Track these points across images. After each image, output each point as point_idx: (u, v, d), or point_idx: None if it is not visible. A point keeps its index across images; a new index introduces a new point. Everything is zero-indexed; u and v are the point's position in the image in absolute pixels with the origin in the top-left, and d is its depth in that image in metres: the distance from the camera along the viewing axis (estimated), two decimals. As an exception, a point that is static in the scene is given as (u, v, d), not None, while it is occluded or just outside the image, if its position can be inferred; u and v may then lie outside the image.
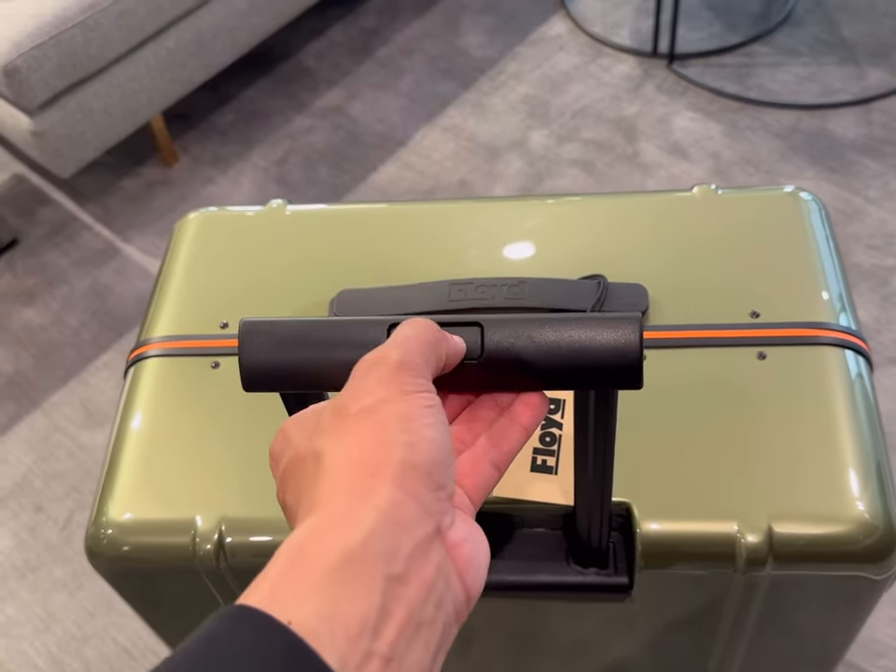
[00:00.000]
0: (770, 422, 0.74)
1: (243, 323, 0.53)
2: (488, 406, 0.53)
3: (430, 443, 0.43)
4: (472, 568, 0.43)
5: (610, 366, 0.51)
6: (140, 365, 0.84)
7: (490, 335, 0.51)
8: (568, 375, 0.52)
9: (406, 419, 0.43)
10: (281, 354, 0.52)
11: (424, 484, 0.42)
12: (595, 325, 0.51)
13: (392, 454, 0.42)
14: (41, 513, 1.81)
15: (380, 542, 0.39)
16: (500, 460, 0.51)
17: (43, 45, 1.89)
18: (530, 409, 0.53)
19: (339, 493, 0.41)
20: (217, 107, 2.50)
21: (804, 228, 0.87)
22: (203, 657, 0.35)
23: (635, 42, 2.47)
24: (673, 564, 0.70)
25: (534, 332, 0.51)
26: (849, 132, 2.19)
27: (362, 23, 2.66)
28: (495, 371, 0.52)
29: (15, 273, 2.22)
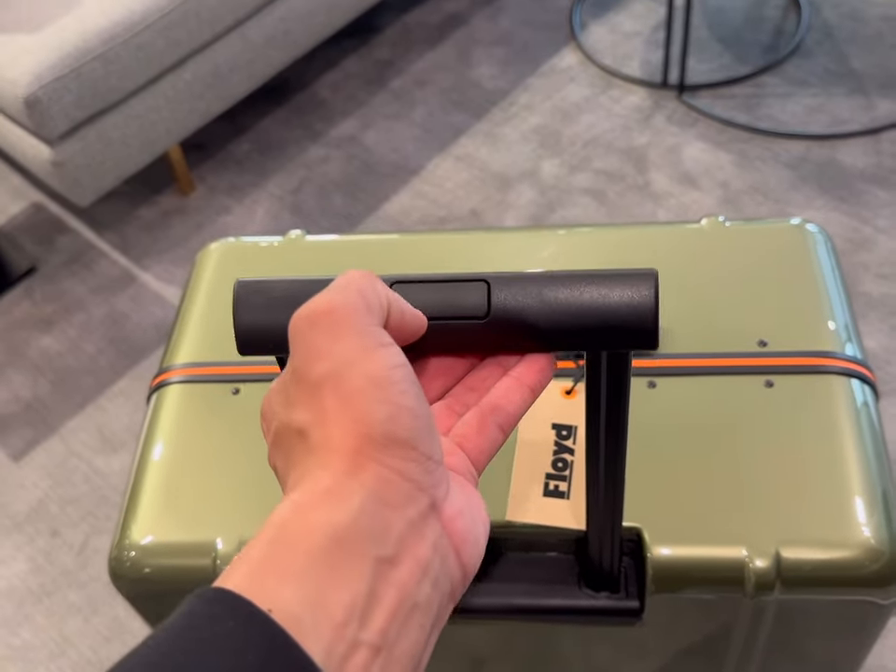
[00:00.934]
0: (778, 449, 0.75)
1: (238, 283, 0.49)
2: (492, 368, 0.50)
3: (410, 413, 0.39)
4: (469, 543, 0.40)
5: (624, 325, 0.47)
6: (163, 391, 0.86)
7: (497, 293, 0.48)
8: (580, 335, 0.48)
9: (379, 386, 0.39)
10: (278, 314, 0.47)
11: (411, 459, 0.39)
12: (609, 281, 0.48)
13: (371, 430, 0.38)
14: (57, 538, 1.82)
15: (369, 522, 0.36)
16: (505, 422, 0.48)
17: (64, 77, 1.91)
18: (537, 369, 0.49)
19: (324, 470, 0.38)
20: (234, 137, 2.53)
21: (810, 259, 0.88)
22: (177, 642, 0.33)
23: (645, 73, 2.49)
24: (683, 588, 0.72)
25: (543, 289, 0.48)
26: (858, 161, 2.20)
27: (376, 55, 2.69)
28: (501, 332, 0.48)
29: (33, 300, 2.25)
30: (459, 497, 0.41)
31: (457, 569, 0.40)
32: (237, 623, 0.33)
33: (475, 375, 0.50)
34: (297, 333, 0.41)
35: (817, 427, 0.76)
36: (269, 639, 0.33)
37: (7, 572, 1.78)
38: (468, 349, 0.50)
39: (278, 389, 0.43)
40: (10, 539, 1.83)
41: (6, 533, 1.84)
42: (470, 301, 0.48)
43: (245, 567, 0.36)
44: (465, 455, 0.46)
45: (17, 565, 1.79)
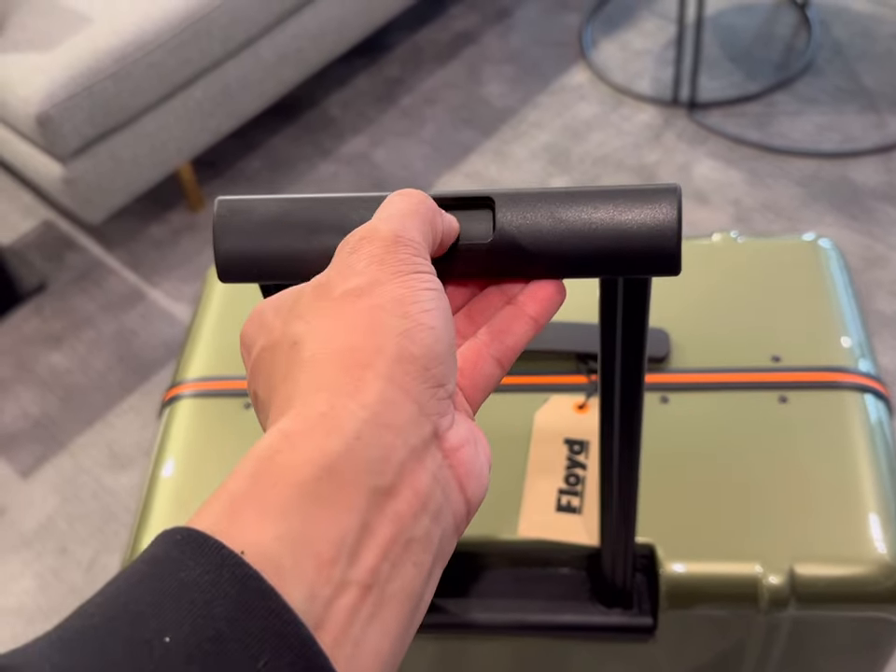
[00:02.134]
0: (791, 464, 0.75)
1: (218, 201, 0.45)
2: (494, 296, 0.46)
3: (430, 332, 0.36)
4: (473, 476, 0.37)
5: (644, 247, 0.43)
6: (174, 405, 0.86)
7: (503, 213, 0.44)
8: (594, 258, 0.44)
9: (402, 303, 0.36)
10: (261, 238, 0.44)
11: (421, 380, 0.35)
12: (626, 198, 0.43)
13: (384, 342, 0.35)
14: (65, 555, 1.82)
15: (367, 449, 0.33)
16: (504, 356, 0.44)
17: (76, 95, 1.92)
18: (541, 296, 0.45)
19: (319, 389, 0.34)
20: (244, 155, 2.54)
21: (823, 275, 0.88)
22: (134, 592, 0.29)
23: (655, 91, 2.49)
24: (696, 605, 0.71)
25: (554, 208, 0.44)
26: (870, 179, 2.20)
27: (386, 73, 2.70)
28: (507, 255, 0.44)
29: (43, 316, 2.25)
30: (463, 429, 0.38)
31: (461, 503, 0.37)
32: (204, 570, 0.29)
33: (475, 304, 0.46)
34: (339, 254, 0.39)
35: (831, 443, 0.76)
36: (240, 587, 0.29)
37: (16, 589, 1.78)
38: (472, 274, 0.45)
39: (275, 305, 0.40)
40: (19, 556, 1.83)
41: (14, 550, 1.84)
42: (473, 221, 0.44)
43: (221, 503, 0.32)
44: (459, 391, 0.42)
45: (25, 582, 1.79)
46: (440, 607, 0.71)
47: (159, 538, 0.31)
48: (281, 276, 0.46)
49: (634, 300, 0.50)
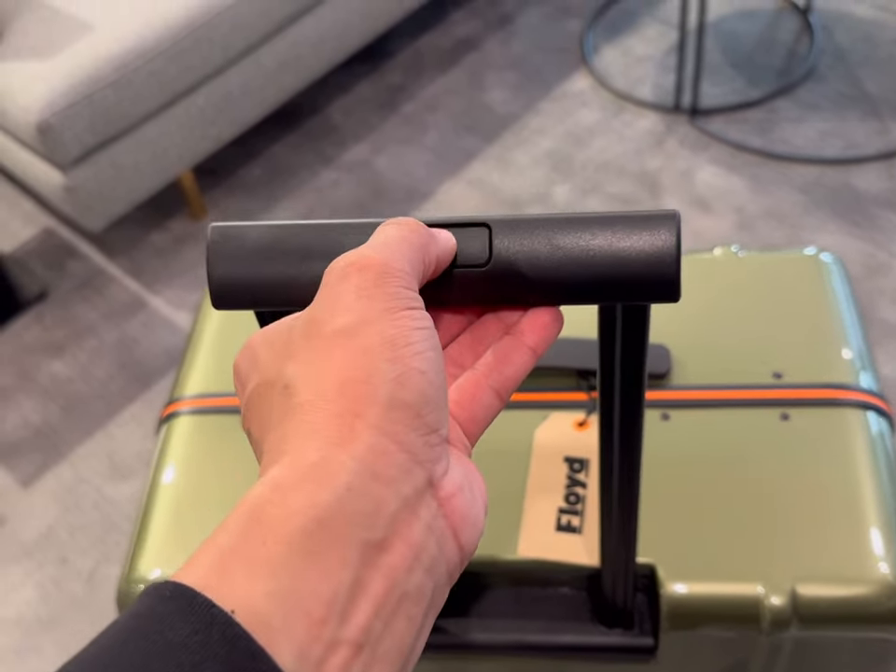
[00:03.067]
0: (793, 483, 0.74)
1: (212, 227, 0.45)
2: (491, 324, 0.45)
3: (422, 377, 0.35)
4: (468, 523, 0.36)
5: (642, 273, 0.42)
6: (172, 422, 0.85)
7: (499, 238, 0.43)
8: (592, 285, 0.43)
9: (393, 345, 0.35)
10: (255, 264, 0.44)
11: (413, 427, 0.34)
12: (625, 224, 0.43)
13: (376, 390, 0.34)
14: (66, 566, 1.81)
15: (358, 501, 0.32)
16: (503, 387, 0.43)
17: (76, 103, 1.92)
18: (540, 326, 0.44)
19: (310, 438, 0.34)
20: (246, 162, 2.54)
21: (825, 289, 0.87)
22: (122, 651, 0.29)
23: (657, 97, 2.49)
24: (698, 625, 0.70)
25: (551, 233, 0.43)
26: (873, 186, 2.19)
27: (388, 80, 2.70)
28: (504, 281, 0.43)
29: (44, 325, 2.25)
30: (458, 473, 0.37)
31: (455, 552, 0.36)
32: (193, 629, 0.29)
33: (473, 333, 0.45)
34: (326, 284, 0.38)
35: (833, 461, 0.75)
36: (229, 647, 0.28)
37: (16, 599, 1.77)
38: (468, 301, 0.45)
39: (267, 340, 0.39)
40: (19, 566, 1.82)
41: (14, 560, 1.83)
42: (470, 246, 0.43)
43: (211, 556, 0.31)
44: (457, 424, 0.41)
45: (26, 592, 1.78)
46: (439, 627, 0.70)
47: (146, 592, 0.31)
48: (275, 303, 0.45)
49: (633, 326, 0.49)
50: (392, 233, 0.39)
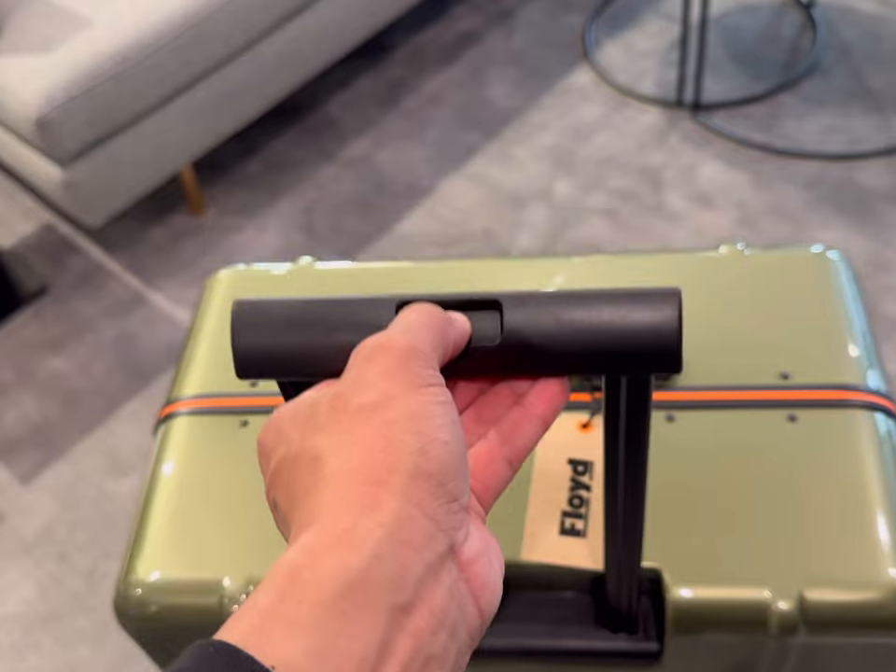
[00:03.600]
0: (801, 486, 0.73)
1: (235, 302, 0.47)
2: (502, 394, 0.47)
3: (444, 448, 0.38)
4: (487, 589, 0.39)
5: (646, 347, 0.45)
6: (170, 423, 0.85)
7: (510, 315, 0.45)
8: (599, 359, 0.46)
9: (416, 419, 0.38)
10: (278, 336, 0.46)
11: (436, 496, 0.37)
12: (629, 300, 0.45)
13: (401, 460, 0.37)
14: (65, 563, 1.81)
15: (386, 566, 0.34)
16: (514, 457, 0.46)
17: (75, 98, 1.91)
18: (547, 397, 0.46)
19: (339, 506, 0.36)
20: (246, 158, 2.53)
21: (832, 288, 0.86)
22: None
23: (659, 92, 2.48)
24: (704, 630, 0.70)
25: (559, 310, 0.45)
26: (877, 182, 2.18)
27: (388, 75, 2.69)
28: (515, 356, 0.46)
29: (43, 321, 2.24)
30: (477, 540, 0.39)
31: (475, 616, 0.38)
32: None
33: (485, 402, 0.47)
34: (353, 364, 0.41)
35: (841, 464, 0.74)
36: None
37: (16, 596, 1.77)
38: (481, 373, 0.47)
39: (292, 415, 0.41)
40: (18, 563, 1.82)
41: (14, 557, 1.83)
42: (482, 323, 0.46)
43: (251, 616, 0.34)
44: (472, 493, 0.43)
45: (25, 589, 1.78)
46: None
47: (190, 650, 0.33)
48: (297, 373, 0.47)
49: (637, 395, 0.51)
50: (414, 319, 0.43)
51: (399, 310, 0.45)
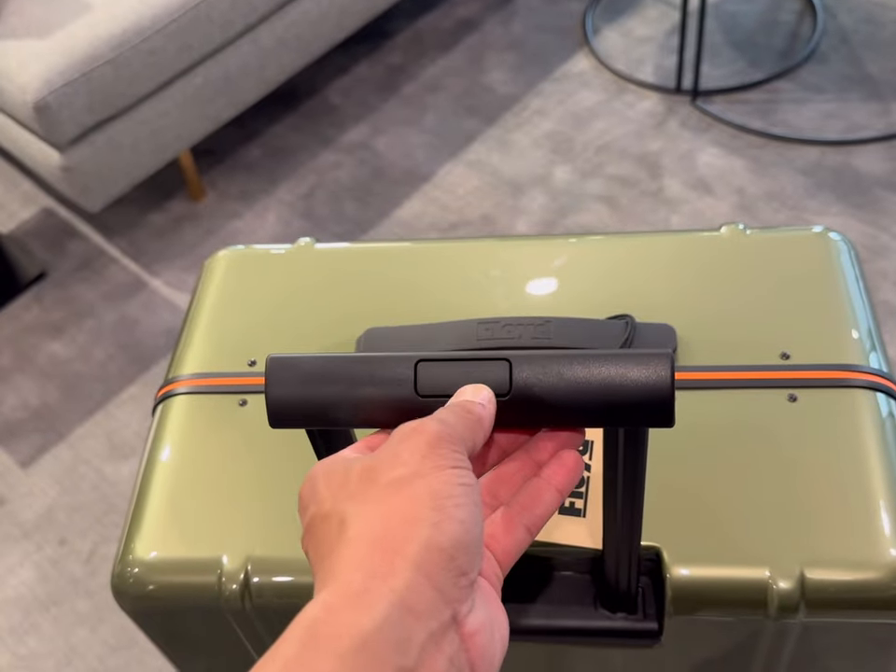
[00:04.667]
0: (801, 466, 0.73)
1: (270, 358, 0.52)
2: (523, 459, 0.52)
3: (459, 525, 0.41)
4: (486, 661, 0.42)
5: (641, 403, 0.49)
6: (168, 402, 0.84)
7: (518, 371, 0.50)
8: (598, 412, 0.50)
9: (437, 496, 0.42)
10: (307, 389, 0.51)
11: (446, 569, 0.40)
12: (626, 361, 0.50)
13: (417, 532, 0.41)
14: (65, 546, 1.81)
15: (393, 630, 0.38)
16: (533, 524, 0.50)
17: (73, 82, 1.91)
18: (565, 470, 0.51)
19: (357, 569, 0.40)
20: (244, 143, 2.52)
21: (833, 268, 0.86)
22: None
23: (658, 79, 2.47)
24: (703, 610, 0.69)
25: (563, 368, 0.50)
26: (875, 168, 2.18)
27: (387, 61, 2.68)
28: (522, 409, 0.50)
29: (43, 306, 2.24)
30: (482, 613, 0.42)
31: None
32: None
33: (507, 467, 0.52)
34: (390, 442, 0.46)
35: (842, 444, 0.74)
36: None
37: (15, 580, 1.77)
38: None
39: (326, 475, 0.46)
40: (18, 547, 1.82)
41: (14, 541, 1.83)
42: (494, 379, 0.50)
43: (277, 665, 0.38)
44: (492, 557, 0.48)
45: (24, 573, 1.78)
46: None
47: None
48: (324, 423, 0.53)
49: (633, 447, 0.55)
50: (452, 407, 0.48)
51: (417, 366, 0.51)
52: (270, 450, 0.80)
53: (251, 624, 0.75)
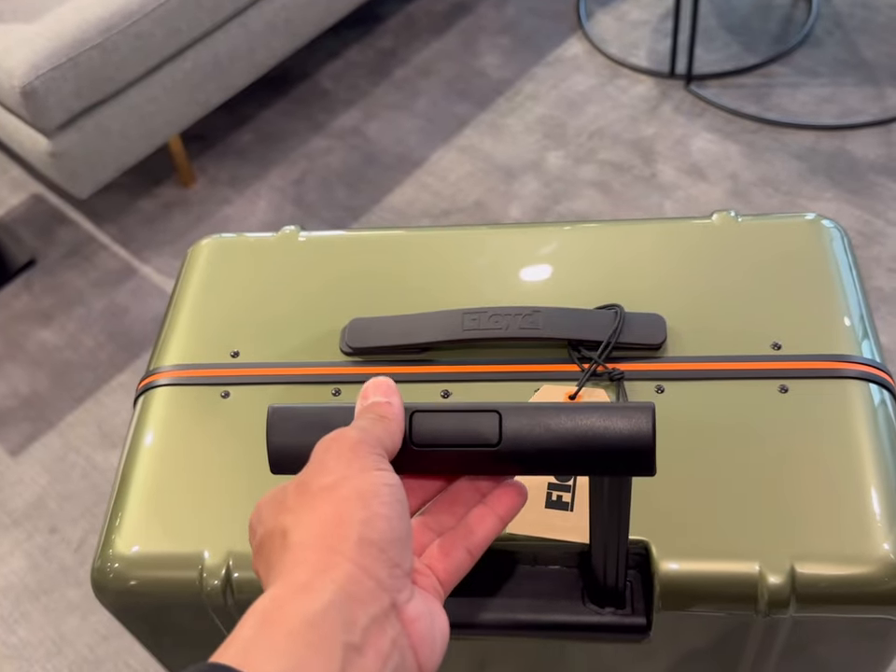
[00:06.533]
0: (793, 458, 0.72)
1: (271, 409, 0.56)
2: (467, 491, 0.56)
3: (386, 521, 0.46)
4: (426, 645, 0.46)
5: (623, 454, 0.52)
6: (150, 394, 0.83)
7: (508, 422, 0.53)
8: (582, 463, 0.53)
9: (364, 497, 0.46)
10: (307, 438, 0.53)
11: (379, 560, 0.45)
12: (610, 413, 0.52)
13: (350, 530, 0.45)
14: (55, 535, 1.80)
15: (337, 613, 0.42)
16: (474, 547, 0.54)
17: (61, 66, 1.89)
18: (508, 499, 0.55)
19: (300, 566, 0.45)
20: (235, 128, 2.50)
21: (826, 257, 0.85)
22: None
23: (652, 63, 2.46)
24: (692, 605, 0.68)
25: (550, 420, 0.53)
26: (869, 153, 2.17)
27: (379, 45, 2.66)
28: (511, 458, 0.53)
29: (32, 293, 2.22)
30: (421, 605, 0.47)
31: (415, 667, 0.46)
32: None
33: (452, 494, 0.56)
34: (315, 454, 0.50)
35: (834, 436, 0.72)
36: None
37: (5, 569, 1.76)
38: (479, 472, 0.56)
39: (270, 500, 0.50)
40: (8, 536, 1.81)
41: (3, 529, 1.82)
42: (485, 430, 0.53)
43: (237, 645, 0.42)
44: (434, 577, 0.52)
45: (15, 561, 1.77)
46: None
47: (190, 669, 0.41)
48: None
49: (617, 495, 0.59)
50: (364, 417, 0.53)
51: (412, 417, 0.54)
52: (252, 443, 0.78)
53: (233, 620, 0.73)
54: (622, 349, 0.80)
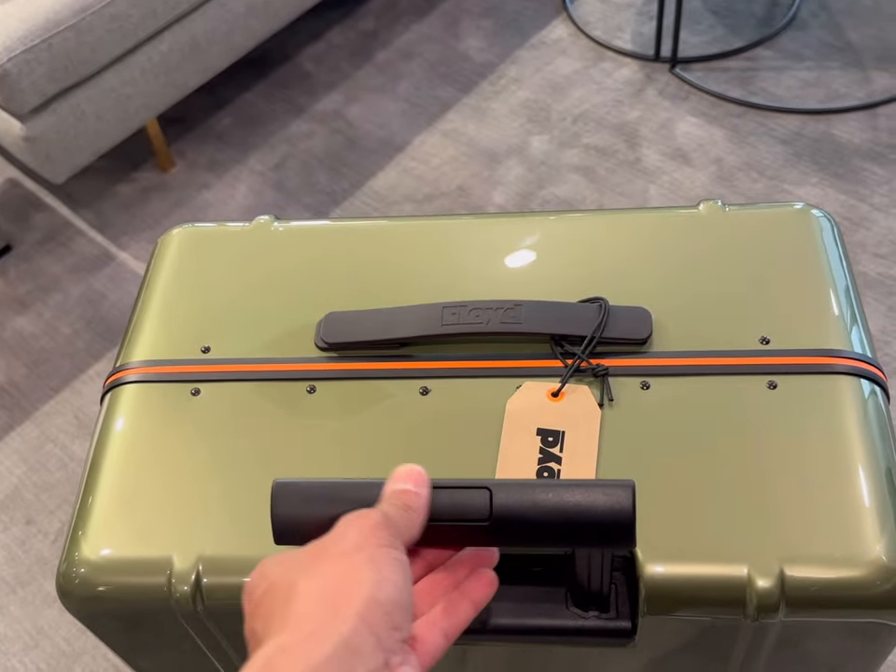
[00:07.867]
0: (782, 457, 0.70)
1: (275, 483, 0.58)
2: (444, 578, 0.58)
3: (394, 585, 0.49)
4: None
5: (605, 528, 0.55)
6: (117, 391, 0.81)
7: (497, 498, 0.56)
8: (566, 536, 0.57)
9: (376, 562, 0.50)
10: (310, 510, 0.57)
11: (383, 621, 0.47)
12: (593, 490, 0.55)
13: (360, 588, 0.48)
14: (32, 526, 1.78)
15: (340, 664, 0.45)
16: (450, 630, 0.56)
17: (34, 48, 1.85)
18: (480, 585, 0.58)
19: (308, 617, 0.47)
20: (214, 112, 2.47)
21: (815, 247, 0.83)
22: None
23: (637, 46, 2.44)
24: (679, 609, 0.67)
25: (537, 496, 0.56)
26: (855, 137, 2.15)
27: (361, 27, 2.63)
28: (499, 532, 0.56)
29: (8, 279, 2.19)
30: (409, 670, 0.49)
31: None
32: None
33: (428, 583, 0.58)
34: (338, 526, 0.53)
35: (824, 433, 0.71)
36: None
37: (-21, 562, 1.74)
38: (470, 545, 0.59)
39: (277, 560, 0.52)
40: (-17, 528, 1.78)
41: (-22, 521, 1.79)
42: (476, 506, 0.56)
43: None
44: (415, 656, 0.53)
45: (-10, 554, 1.75)
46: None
47: None
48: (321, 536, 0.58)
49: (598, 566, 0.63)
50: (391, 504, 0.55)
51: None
52: (222, 443, 0.76)
53: (203, 626, 0.72)
54: (606, 344, 0.78)
